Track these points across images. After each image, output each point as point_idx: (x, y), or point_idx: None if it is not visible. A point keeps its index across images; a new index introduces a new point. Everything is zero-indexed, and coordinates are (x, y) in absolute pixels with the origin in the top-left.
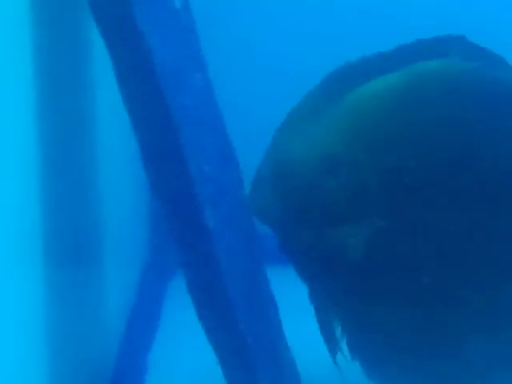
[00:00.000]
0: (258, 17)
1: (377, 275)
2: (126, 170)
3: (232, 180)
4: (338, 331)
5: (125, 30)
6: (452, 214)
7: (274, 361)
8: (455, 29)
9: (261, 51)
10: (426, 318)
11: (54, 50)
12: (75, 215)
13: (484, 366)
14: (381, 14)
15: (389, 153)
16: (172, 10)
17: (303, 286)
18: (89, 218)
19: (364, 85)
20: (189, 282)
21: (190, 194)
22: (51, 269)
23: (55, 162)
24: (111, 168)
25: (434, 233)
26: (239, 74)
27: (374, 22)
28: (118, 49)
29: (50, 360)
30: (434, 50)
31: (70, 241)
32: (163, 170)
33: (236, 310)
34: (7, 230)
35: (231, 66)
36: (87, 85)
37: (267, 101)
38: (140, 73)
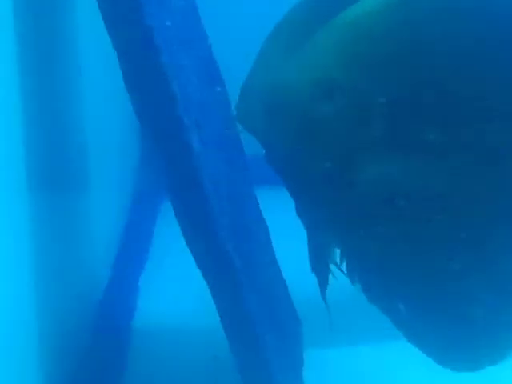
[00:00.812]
0: None
1: (385, 206)
2: (113, 97)
3: (218, 101)
4: (333, 255)
5: None
6: (458, 132)
7: (264, 283)
8: None
9: None
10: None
11: None
12: (62, 141)
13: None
14: None
15: (391, 75)
16: None
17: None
18: (76, 145)
19: (357, 2)
20: (175, 205)
21: (174, 115)
22: (39, 194)
23: (39, 85)
24: (98, 94)
25: (442, 157)
26: None
27: None
28: None
29: (38, 282)
30: None
31: (57, 166)
32: (146, 92)
33: (223, 231)
34: None
35: None
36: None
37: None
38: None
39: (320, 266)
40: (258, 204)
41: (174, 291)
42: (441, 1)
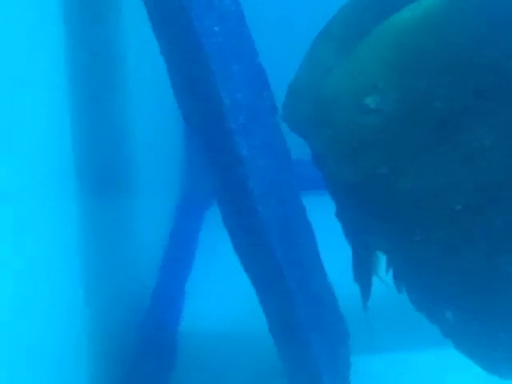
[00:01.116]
0: None
1: (423, 206)
2: (160, 102)
3: (265, 106)
4: (377, 263)
5: None
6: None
7: (312, 288)
8: None
9: None
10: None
11: None
12: (110, 146)
13: None
14: None
15: (443, 80)
16: None
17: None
18: (124, 149)
19: (399, 12)
20: (223, 211)
21: (223, 123)
22: (86, 199)
23: (89, 90)
24: (145, 98)
25: (470, 159)
26: None
27: None
28: None
29: (87, 286)
30: None
31: (105, 171)
32: (195, 100)
33: (272, 238)
34: (40, 159)
35: None
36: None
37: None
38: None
39: (363, 274)
40: (305, 210)
41: (221, 295)
42: (487, 12)
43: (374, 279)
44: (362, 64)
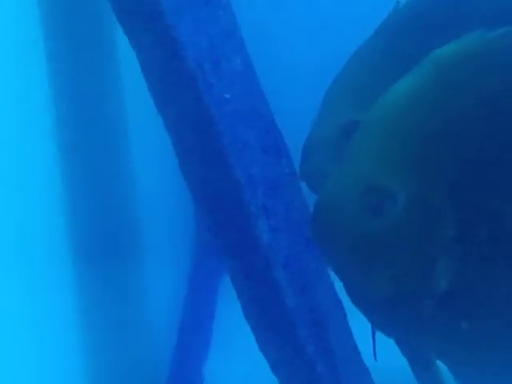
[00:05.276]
0: None
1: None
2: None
3: (285, 175)
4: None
5: (150, 21)
6: None
7: (346, 374)
8: None
9: (300, 26)
10: None
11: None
12: (111, 221)
13: None
14: None
15: (449, 164)
16: None
17: None
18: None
19: (385, 93)
20: (244, 305)
21: (239, 204)
22: (88, 268)
23: (88, 166)
24: (151, 172)
25: None
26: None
27: None
28: (143, 42)
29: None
30: None
31: (110, 239)
32: (205, 179)
33: (302, 330)
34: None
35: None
36: (114, 90)
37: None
38: (170, 67)
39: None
40: (333, 286)
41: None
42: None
43: None
44: (356, 158)
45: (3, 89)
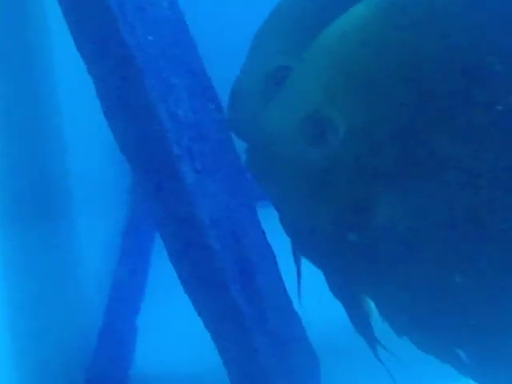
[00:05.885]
0: None
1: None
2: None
3: (212, 120)
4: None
5: None
6: (482, 145)
7: (275, 321)
8: None
9: None
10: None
11: None
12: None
13: None
14: None
15: (394, 93)
16: None
17: None
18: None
19: (331, 23)
20: (170, 249)
21: (163, 147)
22: (15, 227)
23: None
24: (80, 128)
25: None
26: None
27: None
28: None
29: (14, 330)
30: None
31: (39, 197)
32: (129, 123)
33: (226, 274)
34: None
35: None
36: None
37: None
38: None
39: (362, 325)
40: (263, 233)
41: (176, 334)
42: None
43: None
44: (297, 88)
45: None
